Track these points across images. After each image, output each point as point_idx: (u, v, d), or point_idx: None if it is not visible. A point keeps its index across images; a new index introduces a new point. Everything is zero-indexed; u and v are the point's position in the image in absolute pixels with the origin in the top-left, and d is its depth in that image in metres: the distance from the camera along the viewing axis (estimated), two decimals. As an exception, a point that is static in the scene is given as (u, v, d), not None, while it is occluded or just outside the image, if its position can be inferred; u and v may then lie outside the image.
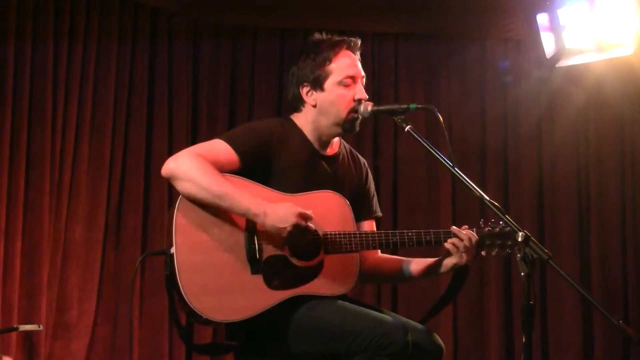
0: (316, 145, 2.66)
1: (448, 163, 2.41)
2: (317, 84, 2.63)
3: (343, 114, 2.62)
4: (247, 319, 2.42)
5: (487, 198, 2.31)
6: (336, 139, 2.73)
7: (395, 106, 2.56)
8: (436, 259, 2.66)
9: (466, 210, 5.18)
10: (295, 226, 2.41)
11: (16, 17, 4.35)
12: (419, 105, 2.53)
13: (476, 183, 2.40)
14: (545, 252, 2.14)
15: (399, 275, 2.76)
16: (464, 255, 2.56)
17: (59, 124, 4.47)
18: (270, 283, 2.45)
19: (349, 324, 2.40)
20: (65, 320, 4.44)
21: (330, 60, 2.62)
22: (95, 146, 4.63)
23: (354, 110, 2.61)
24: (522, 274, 2.13)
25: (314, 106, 2.64)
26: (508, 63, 5.37)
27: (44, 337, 4.30)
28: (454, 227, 2.59)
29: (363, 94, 2.63)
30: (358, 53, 2.71)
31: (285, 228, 2.41)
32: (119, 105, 4.75)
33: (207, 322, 2.45)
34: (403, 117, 2.53)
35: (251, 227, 2.47)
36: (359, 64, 2.69)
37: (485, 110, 5.42)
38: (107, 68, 4.70)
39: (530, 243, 2.14)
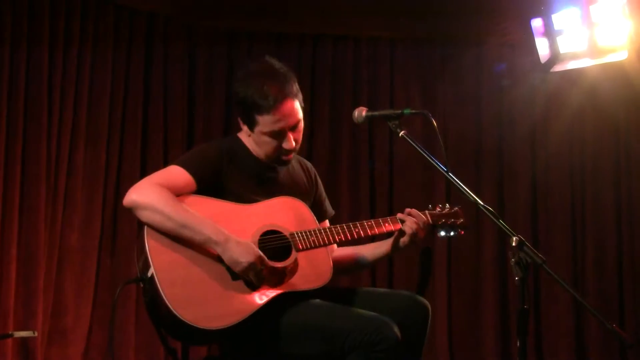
0: (263, 158, 2.72)
1: (442, 168, 2.42)
2: (247, 124, 2.68)
3: (271, 156, 2.69)
4: (237, 324, 2.43)
5: (481, 203, 2.32)
6: None
7: (389, 111, 2.58)
8: (389, 239, 2.78)
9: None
10: (251, 264, 2.45)
11: (11, 22, 4.35)
12: (413, 111, 2.56)
13: (471, 186, 2.43)
14: (539, 257, 2.14)
15: (356, 265, 2.88)
16: (417, 234, 2.70)
17: (54, 129, 4.47)
18: (252, 287, 2.49)
19: (339, 323, 2.43)
20: (61, 326, 4.43)
21: (259, 114, 2.61)
22: (91, 152, 4.62)
23: (280, 156, 2.67)
24: (517, 278, 2.14)
25: (249, 136, 2.71)
26: (503, 67, 5.39)
27: (39, 343, 4.29)
28: (400, 213, 2.74)
29: (290, 145, 2.65)
30: (299, 93, 2.68)
31: (241, 263, 2.46)
32: (115, 110, 4.74)
33: (198, 334, 2.43)
34: (397, 122, 2.55)
35: None
36: (295, 112, 2.64)
37: (481, 113, 5.44)
38: (103, 73, 4.69)
39: (525, 247, 2.15)
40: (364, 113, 2.63)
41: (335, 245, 2.87)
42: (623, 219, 5.25)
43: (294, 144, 2.66)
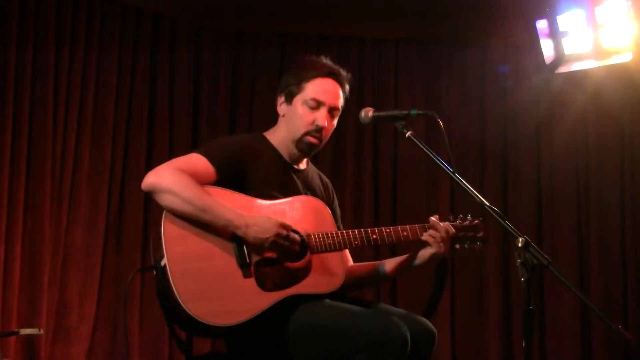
0: (287, 158, 2.74)
1: (449, 169, 2.42)
2: (289, 97, 2.73)
3: (299, 132, 2.70)
4: (245, 322, 2.43)
5: (487, 203, 2.33)
6: (304, 159, 2.81)
7: (396, 112, 2.58)
8: (408, 254, 2.73)
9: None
10: (277, 235, 2.47)
11: (17, 22, 4.36)
12: (420, 111, 2.56)
13: (475, 186, 2.43)
14: (545, 258, 2.14)
15: (373, 278, 2.85)
16: (441, 245, 2.65)
17: (59, 128, 4.49)
18: (263, 285, 2.49)
19: (347, 323, 2.43)
20: (65, 324, 4.44)
21: (307, 80, 2.71)
22: (96, 151, 4.64)
23: (310, 133, 2.69)
24: (522, 279, 2.14)
25: (283, 116, 2.75)
26: (508, 68, 5.39)
27: (43, 341, 4.30)
28: (432, 218, 2.68)
29: (322, 121, 2.70)
30: (345, 87, 2.78)
31: (267, 238, 2.46)
32: (120, 110, 4.76)
33: (206, 330, 2.45)
34: (404, 123, 2.55)
35: None
36: (336, 96, 2.74)
37: (485, 114, 5.44)
38: (108, 73, 4.71)
39: (531, 248, 2.15)
40: (370, 113, 2.63)
41: (348, 254, 2.84)
42: (627, 220, 5.24)
43: (326, 123, 2.69)
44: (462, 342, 5.24)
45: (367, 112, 2.64)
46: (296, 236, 2.53)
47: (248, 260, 2.48)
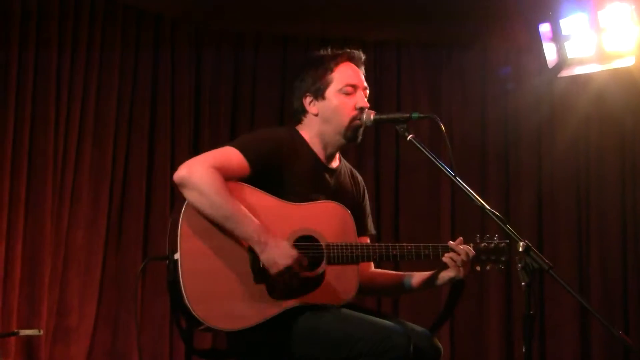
0: (320, 156, 2.69)
1: (450, 172, 2.42)
2: (319, 93, 2.66)
3: (345, 121, 2.64)
4: (248, 329, 2.42)
5: (488, 207, 2.32)
6: (337, 155, 2.77)
7: (397, 115, 2.58)
8: (432, 272, 2.69)
9: (466, 218, 5.20)
10: (287, 268, 2.43)
11: (20, 24, 4.36)
12: (421, 115, 2.55)
13: (476, 189, 2.42)
14: (546, 262, 2.14)
15: (396, 289, 2.80)
16: (461, 269, 2.60)
17: (61, 128, 4.49)
18: (272, 292, 2.46)
19: (350, 330, 2.41)
20: (66, 324, 4.44)
21: (331, 70, 2.67)
22: (97, 151, 4.64)
23: (356, 118, 2.64)
24: (523, 283, 2.14)
25: (316, 115, 2.67)
26: (509, 70, 5.39)
27: (43, 340, 4.30)
28: (451, 242, 2.63)
29: (364, 102, 2.66)
30: (362, 67, 2.76)
31: (278, 264, 2.42)
32: (122, 110, 4.76)
33: (208, 329, 2.45)
34: (405, 126, 2.54)
35: None
36: (362, 76, 2.72)
37: (486, 117, 5.44)
38: (110, 74, 4.71)
39: (531, 253, 2.15)
40: (372, 116, 2.63)
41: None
42: (628, 224, 5.24)
43: (366, 102, 2.65)
44: (462, 345, 5.23)
45: (369, 115, 2.64)
46: (307, 273, 2.48)
47: (261, 265, 2.45)
